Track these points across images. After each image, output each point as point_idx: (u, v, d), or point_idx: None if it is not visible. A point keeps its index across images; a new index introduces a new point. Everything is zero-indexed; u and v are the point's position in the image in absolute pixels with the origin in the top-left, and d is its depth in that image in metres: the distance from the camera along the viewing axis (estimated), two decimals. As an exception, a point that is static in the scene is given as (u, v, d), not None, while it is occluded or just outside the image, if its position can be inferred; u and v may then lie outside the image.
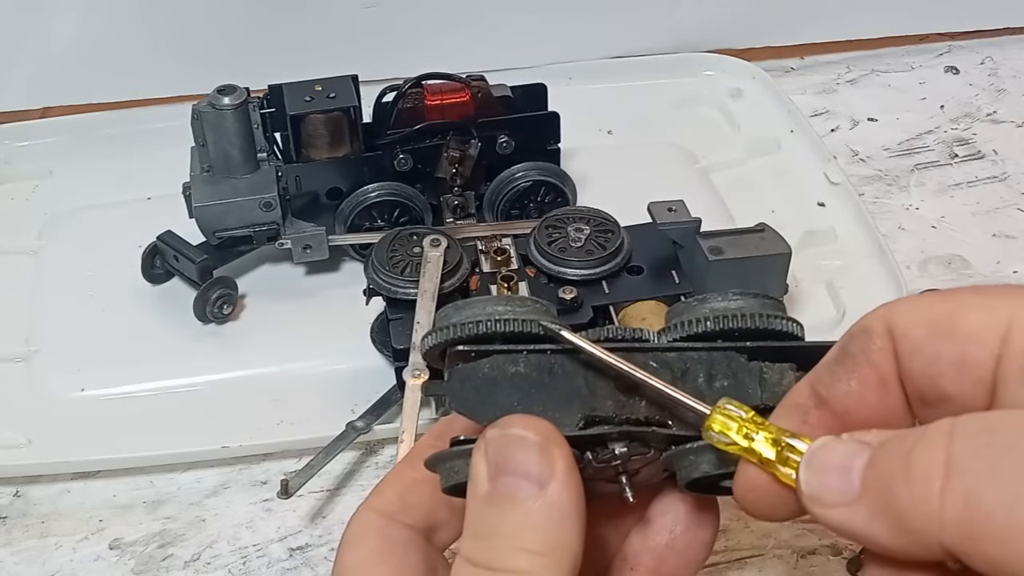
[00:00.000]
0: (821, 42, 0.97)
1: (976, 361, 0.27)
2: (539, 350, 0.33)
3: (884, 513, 0.26)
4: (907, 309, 0.29)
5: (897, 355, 0.29)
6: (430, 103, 0.71)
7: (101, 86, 0.87)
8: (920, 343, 0.28)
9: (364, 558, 0.34)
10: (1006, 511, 0.24)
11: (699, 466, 0.32)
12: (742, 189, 0.81)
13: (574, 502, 0.30)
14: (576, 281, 0.62)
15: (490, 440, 0.31)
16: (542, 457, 0.30)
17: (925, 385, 0.28)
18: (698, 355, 0.34)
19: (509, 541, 0.30)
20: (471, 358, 0.34)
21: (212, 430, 0.62)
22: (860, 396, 0.29)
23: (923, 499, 0.25)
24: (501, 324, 0.33)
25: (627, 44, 0.93)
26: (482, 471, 0.31)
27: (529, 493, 0.30)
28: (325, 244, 0.70)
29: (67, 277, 0.74)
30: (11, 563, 0.57)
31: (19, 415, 0.64)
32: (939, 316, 0.28)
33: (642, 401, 0.33)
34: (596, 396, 0.33)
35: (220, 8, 0.86)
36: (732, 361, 0.34)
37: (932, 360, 0.28)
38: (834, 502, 0.27)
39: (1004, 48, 0.97)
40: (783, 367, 0.33)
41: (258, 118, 0.68)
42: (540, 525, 0.30)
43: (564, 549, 0.30)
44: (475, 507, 0.31)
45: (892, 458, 0.26)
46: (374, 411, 0.61)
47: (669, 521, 0.36)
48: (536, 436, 0.30)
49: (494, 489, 0.30)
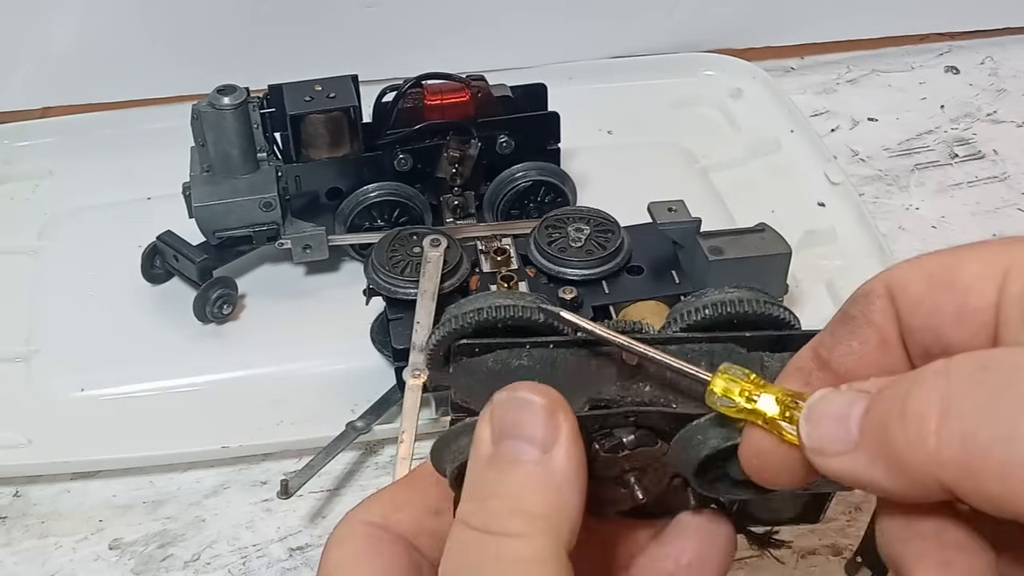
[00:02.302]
0: (821, 42, 0.97)
1: (976, 309, 0.28)
2: (542, 343, 0.34)
3: (883, 457, 0.26)
4: (906, 267, 0.29)
5: (898, 313, 0.29)
6: (430, 103, 0.71)
7: (101, 86, 0.88)
8: (919, 297, 0.28)
9: (349, 557, 0.34)
10: (1003, 447, 0.24)
11: (707, 442, 0.31)
12: (742, 189, 0.81)
13: (576, 470, 0.30)
14: (576, 281, 0.62)
15: (497, 403, 0.30)
16: (548, 421, 0.30)
17: (927, 338, 0.29)
18: (699, 346, 0.34)
19: (507, 503, 0.29)
20: (475, 353, 0.34)
21: (212, 430, 0.62)
22: (861, 356, 0.30)
23: (919, 439, 0.25)
24: (502, 311, 0.34)
25: (627, 44, 0.93)
26: (486, 435, 0.30)
27: (532, 456, 0.29)
28: (325, 244, 0.70)
29: (67, 277, 0.74)
30: (11, 563, 0.57)
31: (19, 415, 0.64)
32: (937, 269, 0.28)
33: (646, 386, 0.33)
34: (600, 384, 0.33)
35: (220, 8, 0.86)
36: (732, 353, 0.34)
37: (932, 312, 0.28)
38: (835, 451, 0.27)
39: (1004, 48, 0.97)
40: (784, 356, 0.33)
41: (258, 118, 0.68)
42: (540, 489, 0.29)
43: (562, 515, 0.29)
44: (475, 470, 0.30)
45: (888, 402, 0.26)
46: (374, 411, 0.61)
47: (677, 548, 0.36)
48: (543, 400, 0.30)
49: (496, 452, 0.30)
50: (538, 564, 0.28)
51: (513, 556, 0.28)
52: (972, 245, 0.29)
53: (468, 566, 0.29)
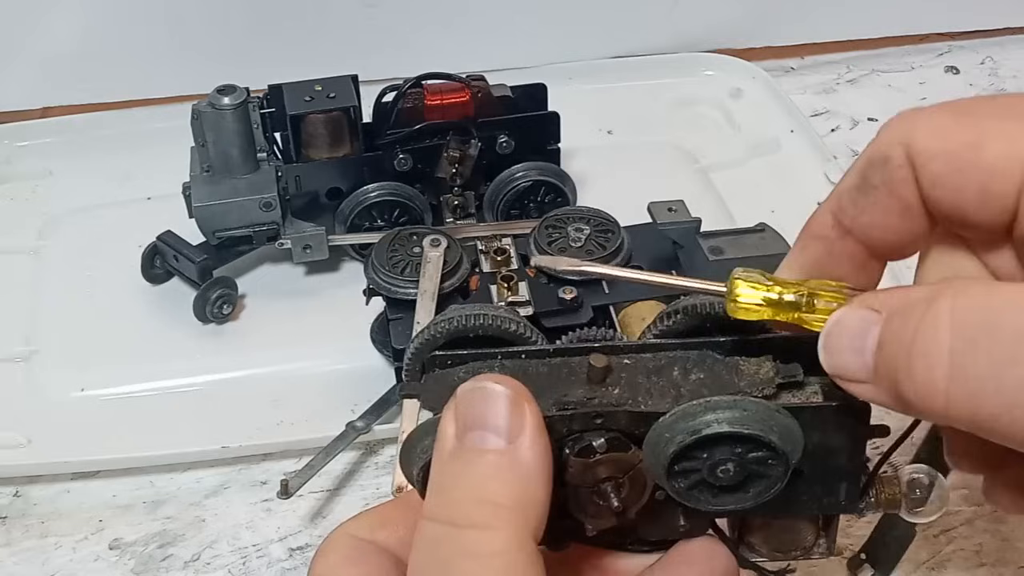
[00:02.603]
0: (821, 42, 0.97)
1: (999, 192, 0.28)
2: (514, 353, 0.33)
3: (895, 397, 0.27)
4: (926, 135, 0.29)
5: (918, 181, 0.29)
6: (430, 103, 0.71)
7: (101, 86, 0.88)
8: (942, 175, 0.29)
9: (336, 563, 0.33)
10: (1010, 413, 0.25)
11: (674, 439, 0.31)
12: (742, 189, 0.81)
13: (542, 461, 0.29)
14: (576, 281, 0.62)
15: (461, 395, 0.30)
16: (512, 411, 0.29)
17: (949, 211, 0.29)
18: (673, 353, 0.34)
19: (472, 493, 0.29)
20: (447, 365, 0.34)
21: (212, 430, 0.62)
22: (885, 224, 0.30)
23: (929, 395, 0.26)
24: (471, 319, 0.35)
25: (627, 44, 0.93)
26: (450, 429, 0.30)
27: (497, 445, 0.29)
28: (325, 244, 0.70)
29: (67, 277, 0.74)
30: (11, 563, 0.57)
31: (19, 415, 0.64)
32: (960, 147, 0.29)
33: (614, 389, 0.33)
34: (568, 389, 0.33)
35: (220, 8, 0.86)
36: (706, 358, 0.33)
37: (955, 191, 0.29)
38: (856, 378, 0.28)
39: (1004, 48, 0.97)
40: (759, 360, 0.33)
41: (258, 118, 0.68)
42: (506, 479, 0.29)
43: (529, 507, 0.29)
44: (439, 463, 0.30)
45: (896, 345, 0.27)
46: (374, 411, 0.61)
47: None
48: (507, 389, 0.30)
49: (460, 443, 0.29)
50: (505, 555, 0.28)
51: (480, 548, 0.28)
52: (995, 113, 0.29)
53: (436, 561, 0.29)
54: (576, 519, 0.33)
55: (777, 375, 0.32)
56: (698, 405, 0.31)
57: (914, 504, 0.35)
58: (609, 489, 0.32)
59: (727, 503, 0.32)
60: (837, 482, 0.34)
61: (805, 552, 0.36)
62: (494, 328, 0.34)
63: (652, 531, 0.35)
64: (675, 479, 0.32)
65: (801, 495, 0.34)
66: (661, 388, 0.32)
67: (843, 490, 0.34)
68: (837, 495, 0.34)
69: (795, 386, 0.32)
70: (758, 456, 0.31)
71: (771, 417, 0.31)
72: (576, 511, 0.33)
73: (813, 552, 0.36)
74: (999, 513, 0.58)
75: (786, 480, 0.32)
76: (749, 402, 0.31)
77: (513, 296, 0.61)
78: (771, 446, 0.30)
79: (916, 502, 0.35)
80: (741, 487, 0.32)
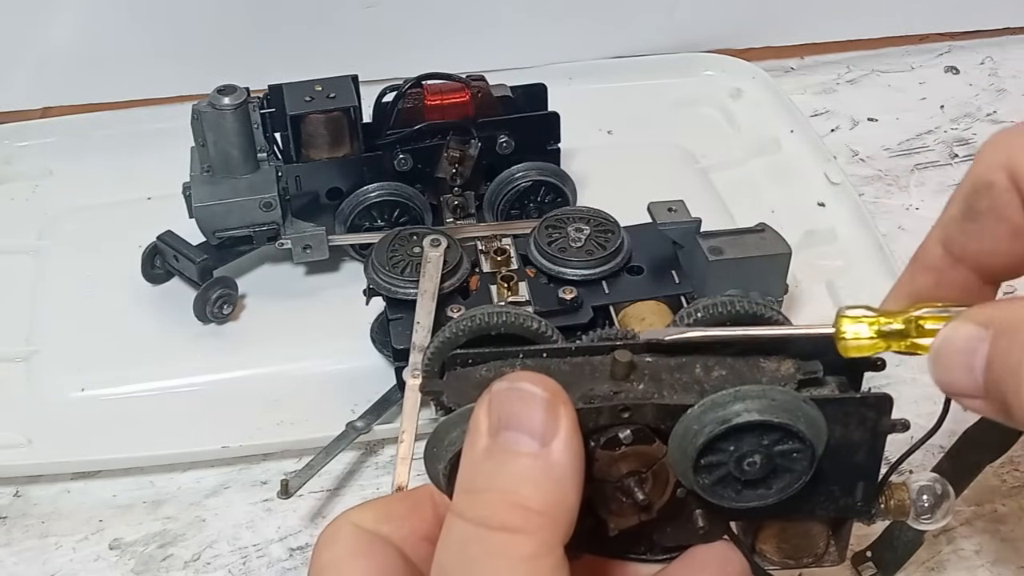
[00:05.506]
0: (821, 42, 0.97)
1: None
2: (535, 351, 0.34)
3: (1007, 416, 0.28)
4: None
5: None
6: (430, 103, 0.71)
7: (101, 86, 0.88)
8: None
9: (340, 555, 0.33)
10: None
11: (704, 430, 0.31)
12: (742, 189, 0.81)
13: (575, 464, 0.29)
14: (576, 281, 0.62)
15: (495, 393, 0.30)
16: (548, 414, 0.29)
17: None
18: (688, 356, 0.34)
19: (505, 496, 0.29)
20: (468, 364, 0.34)
21: (212, 430, 0.62)
22: (995, 250, 0.31)
23: None
24: (495, 317, 0.35)
25: (627, 44, 0.93)
26: (483, 425, 0.30)
27: (530, 448, 0.29)
28: (325, 244, 0.70)
29: (67, 277, 0.74)
30: (11, 563, 0.57)
31: (19, 415, 0.64)
32: None
33: (639, 385, 0.33)
34: (593, 384, 0.33)
35: (220, 8, 0.86)
36: (726, 356, 0.34)
37: None
38: (966, 394, 0.29)
39: (1004, 48, 0.97)
40: (779, 357, 0.33)
41: (258, 118, 0.68)
42: (539, 482, 0.29)
43: (561, 510, 0.29)
44: (470, 461, 0.30)
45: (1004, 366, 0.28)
46: (374, 411, 0.61)
47: None
48: (544, 392, 0.29)
49: (494, 443, 0.29)
50: (534, 560, 0.28)
51: (510, 552, 0.28)
52: None
53: (464, 560, 0.29)
54: (598, 517, 0.33)
55: (798, 371, 0.33)
56: (727, 395, 0.31)
57: (921, 513, 0.35)
58: (633, 484, 0.32)
59: (750, 499, 0.32)
60: (855, 481, 0.34)
61: (816, 560, 0.36)
62: (516, 326, 0.34)
63: (669, 535, 0.35)
64: (701, 474, 0.32)
65: (819, 495, 0.34)
66: (685, 384, 0.33)
67: (860, 490, 0.34)
68: (854, 495, 0.34)
69: (815, 383, 0.33)
70: (784, 449, 0.31)
71: (799, 407, 0.31)
72: (600, 508, 0.33)
73: (824, 560, 0.36)
74: (999, 513, 0.58)
75: (810, 474, 0.32)
76: (777, 391, 0.31)
77: (513, 296, 0.61)
78: (800, 436, 0.31)
79: (924, 511, 0.35)
80: (764, 482, 0.32)
